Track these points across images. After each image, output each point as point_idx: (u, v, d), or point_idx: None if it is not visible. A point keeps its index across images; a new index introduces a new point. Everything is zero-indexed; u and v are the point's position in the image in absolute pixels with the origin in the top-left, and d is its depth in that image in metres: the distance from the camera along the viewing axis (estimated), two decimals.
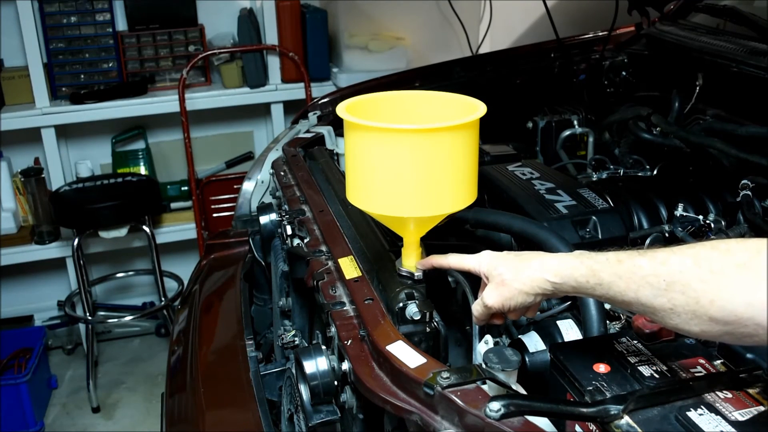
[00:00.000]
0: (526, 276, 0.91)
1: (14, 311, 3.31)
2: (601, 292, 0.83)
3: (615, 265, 0.82)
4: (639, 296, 0.79)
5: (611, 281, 0.82)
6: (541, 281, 0.90)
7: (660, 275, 0.77)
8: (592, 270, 0.84)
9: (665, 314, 0.77)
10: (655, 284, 0.77)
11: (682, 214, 1.36)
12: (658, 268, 0.77)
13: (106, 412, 2.95)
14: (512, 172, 1.51)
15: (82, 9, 2.98)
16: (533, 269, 0.91)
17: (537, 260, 0.92)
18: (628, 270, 0.80)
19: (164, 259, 3.13)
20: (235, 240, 1.92)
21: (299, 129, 2.03)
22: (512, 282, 0.92)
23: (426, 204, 0.97)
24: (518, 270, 0.92)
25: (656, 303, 0.77)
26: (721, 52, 1.73)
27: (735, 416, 0.76)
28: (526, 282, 0.91)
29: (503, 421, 0.76)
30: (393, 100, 1.09)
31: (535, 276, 0.90)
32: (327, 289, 1.15)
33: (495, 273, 0.95)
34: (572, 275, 0.86)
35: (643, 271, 0.78)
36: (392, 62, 2.95)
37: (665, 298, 0.76)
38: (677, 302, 0.75)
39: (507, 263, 0.95)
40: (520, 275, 0.92)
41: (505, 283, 0.93)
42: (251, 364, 1.41)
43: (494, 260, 0.97)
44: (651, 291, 0.77)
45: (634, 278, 0.79)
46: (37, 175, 2.99)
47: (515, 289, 0.92)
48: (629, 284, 0.79)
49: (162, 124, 3.26)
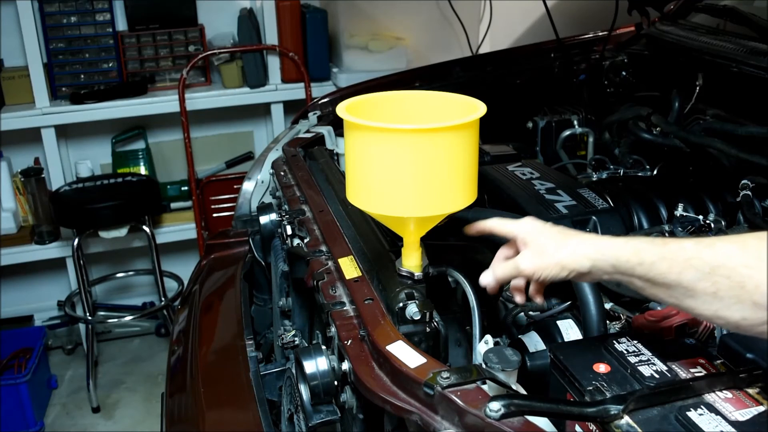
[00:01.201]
0: (569, 250, 0.91)
1: (14, 311, 3.31)
2: (641, 272, 0.83)
3: (659, 246, 0.82)
4: (681, 278, 0.78)
5: (654, 261, 0.81)
6: (582, 258, 0.90)
7: (705, 259, 0.77)
8: (635, 249, 0.84)
9: (706, 299, 0.77)
10: (699, 267, 0.77)
11: (682, 214, 1.36)
12: (704, 252, 0.77)
13: (106, 412, 2.95)
14: (512, 172, 1.51)
15: (82, 9, 2.98)
16: (575, 245, 0.91)
17: (580, 236, 0.92)
18: (672, 251, 0.80)
19: (164, 259, 3.13)
20: (235, 240, 1.92)
21: (299, 129, 2.03)
22: (553, 253, 0.92)
23: (426, 204, 0.97)
24: (561, 243, 0.93)
25: (699, 286, 0.77)
26: (721, 52, 1.73)
27: (735, 416, 0.76)
28: (567, 256, 0.91)
29: (503, 421, 0.76)
30: (393, 100, 1.09)
31: (576, 251, 0.90)
32: (327, 289, 1.15)
33: (536, 241, 0.95)
34: (614, 253, 0.86)
35: (688, 254, 0.79)
36: (392, 62, 2.95)
37: (709, 281, 0.76)
38: (721, 286, 0.75)
39: (550, 234, 0.95)
40: (562, 249, 0.92)
41: (545, 252, 0.93)
42: (251, 364, 1.41)
43: (537, 228, 0.97)
44: (695, 274, 0.77)
45: (678, 260, 0.79)
46: (37, 175, 2.99)
47: (554, 261, 0.92)
48: (672, 266, 0.79)
49: (162, 124, 3.26)
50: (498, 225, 1.04)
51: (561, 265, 0.92)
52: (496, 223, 1.05)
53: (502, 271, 0.99)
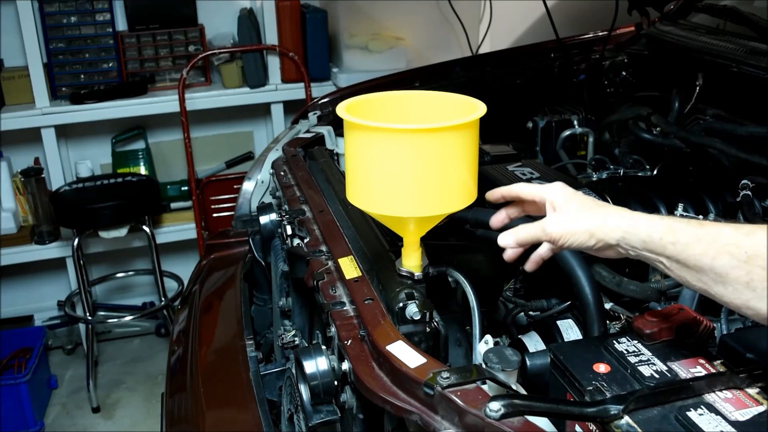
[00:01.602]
0: (600, 219, 0.89)
1: (14, 311, 3.31)
2: (673, 252, 0.81)
3: (696, 228, 0.80)
4: (715, 263, 0.76)
5: (688, 242, 0.79)
6: (612, 228, 0.88)
7: (742, 246, 0.75)
8: (670, 227, 0.82)
9: (738, 287, 0.75)
10: (735, 254, 0.75)
11: (682, 214, 1.36)
12: (742, 239, 0.75)
13: (106, 412, 2.95)
14: (512, 172, 1.51)
15: (82, 9, 2.98)
16: (607, 214, 0.89)
17: (613, 208, 0.91)
18: (709, 234, 0.78)
19: (164, 259, 3.13)
20: (235, 240, 1.92)
21: (299, 129, 2.03)
22: (583, 219, 0.90)
23: (426, 204, 0.97)
24: (592, 211, 0.91)
25: (732, 274, 0.75)
26: (721, 52, 1.73)
27: (735, 416, 0.76)
28: (598, 225, 0.89)
29: (503, 421, 0.76)
30: (393, 100, 1.09)
31: (608, 221, 0.88)
32: (327, 289, 1.15)
33: (567, 205, 0.93)
34: (647, 229, 0.84)
35: (726, 239, 0.76)
36: (392, 62, 2.95)
37: (743, 270, 0.74)
38: (756, 276, 0.73)
39: (582, 201, 0.93)
40: (594, 216, 0.90)
41: (575, 218, 0.91)
42: (251, 364, 1.41)
43: (569, 193, 0.95)
44: (730, 260, 0.75)
45: (715, 244, 0.77)
46: (37, 175, 2.99)
47: (583, 228, 0.90)
48: (708, 249, 0.77)
49: (162, 124, 3.26)
50: (525, 188, 1.01)
51: (590, 233, 0.89)
52: (522, 187, 1.01)
53: (526, 233, 0.96)
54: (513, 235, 0.97)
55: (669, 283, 1.26)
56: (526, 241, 0.97)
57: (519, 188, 1.02)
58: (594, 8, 2.72)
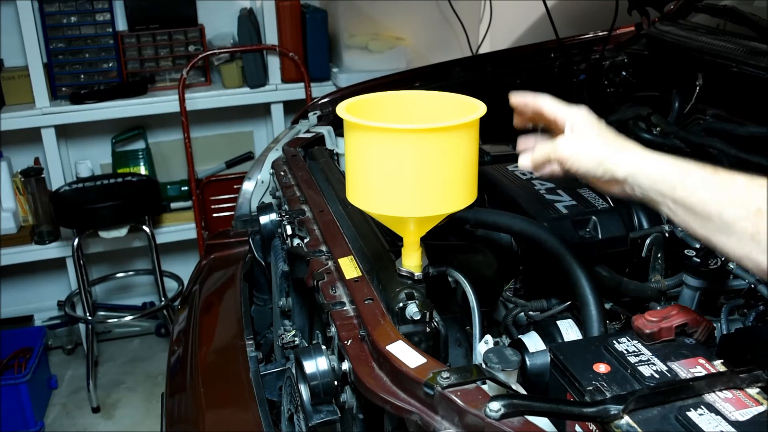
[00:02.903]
0: (613, 150, 0.88)
1: (14, 311, 3.31)
2: (681, 195, 0.80)
3: (709, 173, 0.79)
4: (723, 212, 0.75)
5: (699, 186, 0.78)
6: (623, 161, 0.87)
7: (755, 198, 0.74)
8: (682, 169, 0.81)
9: (742, 238, 0.74)
10: (746, 205, 0.74)
11: None
12: (755, 190, 0.74)
13: (106, 412, 2.95)
14: (512, 172, 1.51)
15: (82, 9, 2.98)
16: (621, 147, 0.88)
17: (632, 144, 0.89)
18: (721, 181, 0.77)
19: (164, 259, 3.13)
20: (235, 240, 1.92)
21: (299, 129, 2.03)
22: (596, 146, 0.90)
23: (426, 204, 0.97)
24: (607, 140, 0.90)
25: (739, 225, 0.74)
26: (721, 52, 1.73)
27: (735, 416, 0.76)
28: (609, 155, 0.88)
29: (503, 421, 0.76)
30: (393, 100, 1.08)
31: (620, 154, 0.87)
32: (327, 289, 1.15)
33: (585, 129, 0.92)
34: (659, 168, 0.83)
35: (738, 188, 0.75)
36: (392, 62, 2.95)
37: (751, 222, 0.73)
38: (763, 230, 0.72)
39: (600, 129, 0.92)
40: (607, 146, 0.89)
41: (587, 143, 0.91)
42: (251, 364, 1.41)
43: (592, 119, 0.94)
44: (738, 211, 0.74)
45: (726, 192, 0.76)
46: (37, 175, 2.99)
47: (593, 154, 0.89)
48: (717, 196, 0.76)
49: (162, 124, 3.26)
50: (548, 104, 1.00)
51: (599, 161, 0.89)
52: (546, 102, 1.00)
53: (540, 152, 0.96)
54: (530, 156, 0.98)
55: (669, 283, 1.26)
56: (540, 160, 0.97)
57: (543, 102, 1.01)
58: (594, 8, 2.72)
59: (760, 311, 1.19)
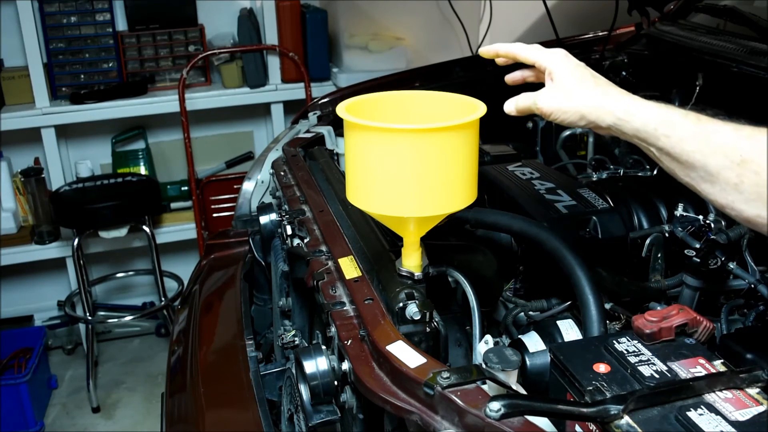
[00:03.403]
0: (594, 101, 0.86)
1: (14, 311, 3.31)
2: (665, 144, 0.79)
3: (693, 123, 0.78)
4: (707, 162, 0.75)
5: (682, 137, 0.78)
6: (606, 113, 0.85)
7: (739, 149, 0.73)
8: (665, 120, 0.80)
9: (726, 188, 0.74)
10: (730, 156, 0.74)
11: (682, 214, 1.36)
12: (740, 142, 0.74)
13: (106, 412, 2.95)
14: (512, 172, 1.51)
15: (82, 9, 2.99)
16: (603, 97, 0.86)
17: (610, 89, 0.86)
18: (705, 132, 0.76)
19: (164, 259, 3.13)
20: (235, 240, 1.92)
21: (299, 129, 2.03)
22: (577, 99, 0.87)
23: (426, 204, 0.97)
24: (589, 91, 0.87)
25: (723, 174, 0.74)
26: (721, 52, 1.73)
27: (735, 416, 0.76)
28: (591, 108, 0.86)
29: (503, 421, 0.76)
30: (393, 100, 1.09)
31: (603, 105, 0.85)
32: (327, 289, 1.15)
33: (565, 79, 0.90)
34: (642, 118, 0.81)
35: (722, 139, 0.75)
36: (392, 62, 2.95)
37: (735, 172, 0.73)
38: (746, 180, 0.72)
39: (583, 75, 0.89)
40: (588, 98, 0.87)
41: (569, 96, 0.89)
42: (251, 364, 1.41)
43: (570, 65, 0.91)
44: (722, 161, 0.74)
45: (709, 143, 0.75)
46: (37, 175, 2.99)
47: (575, 108, 0.88)
48: (701, 147, 0.76)
49: (162, 124, 3.26)
50: (523, 50, 0.96)
51: (581, 114, 0.87)
52: (521, 48, 0.96)
53: (523, 102, 0.94)
54: (514, 103, 0.97)
55: (669, 283, 1.26)
56: (523, 109, 0.95)
57: (517, 48, 0.97)
58: (594, 8, 2.72)
59: (760, 311, 1.19)
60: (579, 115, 0.88)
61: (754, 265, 1.19)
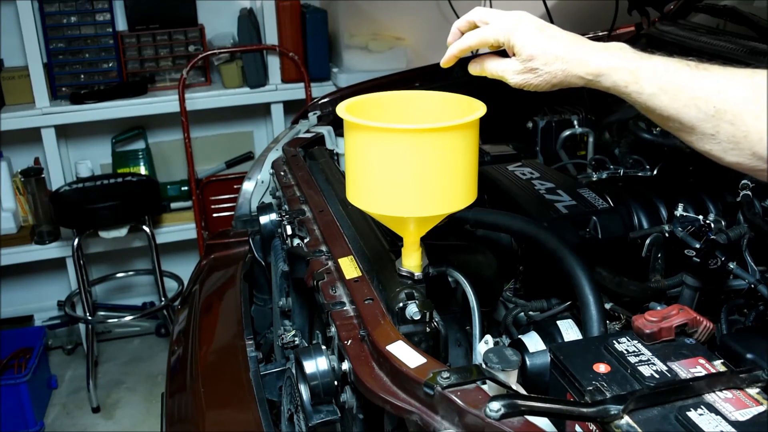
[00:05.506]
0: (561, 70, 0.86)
1: (14, 311, 3.31)
2: (638, 100, 0.80)
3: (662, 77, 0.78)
4: (681, 115, 0.75)
5: (653, 93, 0.78)
6: (574, 78, 0.85)
7: (711, 101, 0.73)
8: (634, 76, 0.80)
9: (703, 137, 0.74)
10: (703, 108, 0.74)
11: (682, 214, 1.36)
12: (712, 95, 0.74)
13: (106, 412, 2.95)
14: (512, 172, 1.51)
15: (82, 9, 2.99)
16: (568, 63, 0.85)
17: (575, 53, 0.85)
18: (675, 87, 0.76)
19: (164, 259, 3.13)
20: (235, 240, 1.92)
21: (299, 129, 2.03)
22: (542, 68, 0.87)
23: (426, 204, 0.97)
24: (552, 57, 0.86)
25: (699, 126, 0.74)
26: (721, 52, 1.73)
27: (735, 416, 0.76)
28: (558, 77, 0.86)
29: (503, 421, 0.76)
30: (393, 100, 1.09)
31: (569, 71, 0.85)
32: (327, 289, 1.15)
33: (525, 53, 0.88)
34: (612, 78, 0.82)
35: (693, 93, 0.75)
36: (392, 62, 2.95)
37: (710, 123, 0.73)
38: (722, 130, 0.73)
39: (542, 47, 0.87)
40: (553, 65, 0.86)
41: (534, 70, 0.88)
42: (251, 364, 1.41)
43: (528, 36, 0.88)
44: (697, 114, 0.74)
45: (681, 97, 0.75)
46: (37, 175, 2.99)
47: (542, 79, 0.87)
48: (673, 102, 0.76)
49: (162, 124, 3.26)
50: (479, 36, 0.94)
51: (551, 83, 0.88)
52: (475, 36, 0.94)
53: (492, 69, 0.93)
54: (480, 66, 0.96)
55: (669, 283, 1.26)
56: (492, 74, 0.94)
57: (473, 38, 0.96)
58: (594, 8, 2.72)
59: (760, 311, 1.19)
60: (550, 86, 0.89)
61: (754, 265, 1.19)
